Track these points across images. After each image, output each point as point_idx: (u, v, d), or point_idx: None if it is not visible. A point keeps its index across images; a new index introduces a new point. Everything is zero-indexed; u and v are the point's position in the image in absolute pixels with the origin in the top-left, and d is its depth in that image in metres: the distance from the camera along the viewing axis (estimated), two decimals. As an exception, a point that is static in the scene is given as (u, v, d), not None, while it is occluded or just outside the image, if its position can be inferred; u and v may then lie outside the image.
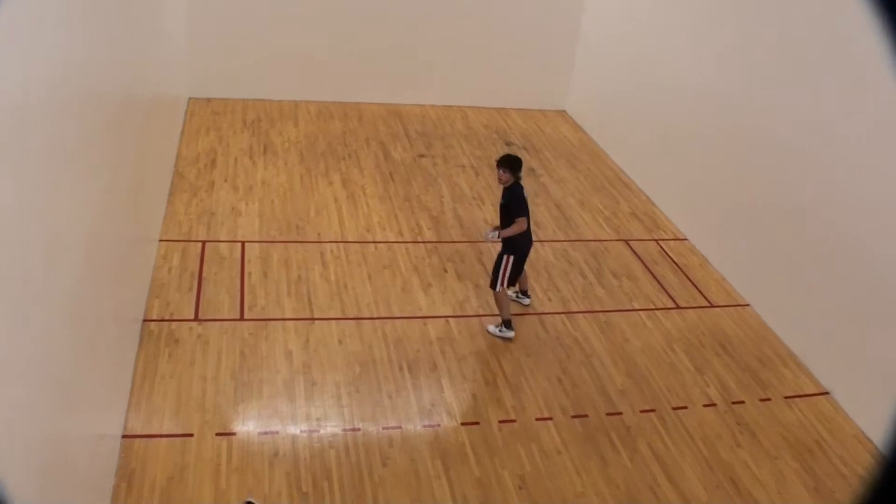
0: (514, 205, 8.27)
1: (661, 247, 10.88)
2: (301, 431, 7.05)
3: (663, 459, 7.25)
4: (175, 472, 6.42)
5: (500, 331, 8.55)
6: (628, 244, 10.84)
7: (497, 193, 8.68)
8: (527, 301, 9.13)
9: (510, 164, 8.28)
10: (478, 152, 13.17)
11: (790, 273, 9.07)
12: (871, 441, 7.76)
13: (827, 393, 8.37)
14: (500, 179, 8.39)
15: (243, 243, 9.67)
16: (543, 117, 15.19)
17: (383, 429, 7.21)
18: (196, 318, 8.23)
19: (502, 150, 13.22)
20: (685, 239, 11.14)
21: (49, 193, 4.60)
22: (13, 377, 3.91)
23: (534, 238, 8.60)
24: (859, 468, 7.43)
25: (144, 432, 6.78)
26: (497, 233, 8.35)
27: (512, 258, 8.35)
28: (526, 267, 8.78)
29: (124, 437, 6.68)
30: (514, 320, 8.66)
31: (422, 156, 12.79)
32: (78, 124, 5.37)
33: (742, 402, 8.09)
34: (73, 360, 5.12)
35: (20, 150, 3.99)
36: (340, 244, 9.93)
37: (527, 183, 12.01)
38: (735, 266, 10.19)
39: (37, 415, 4.32)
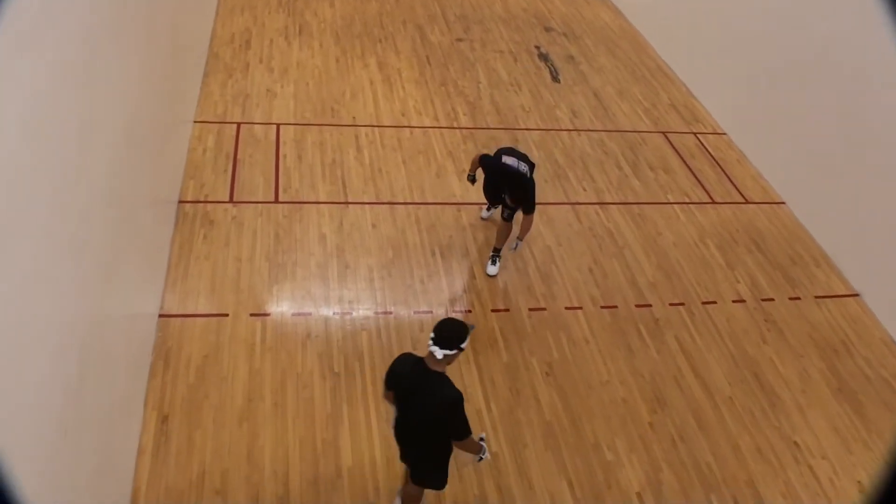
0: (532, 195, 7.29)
1: (700, 140, 10.72)
2: (334, 313, 7.18)
3: (689, 352, 7.33)
4: (210, 350, 6.60)
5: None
6: (666, 136, 10.69)
7: (535, 80, 8.42)
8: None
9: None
10: (516, 37, 12.90)
11: (828, 173, 8.93)
12: (898, 345, 7.81)
13: (857, 295, 8.36)
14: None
15: (278, 125, 9.64)
16: (585, 2, 14.77)
17: (414, 313, 7.33)
18: (231, 200, 8.29)
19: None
20: (724, 133, 10.96)
21: (84, 73, 4.59)
22: (55, 255, 3.99)
23: (571, 127, 8.35)
24: (884, 371, 7.49)
25: (180, 312, 6.94)
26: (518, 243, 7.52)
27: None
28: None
29: (161, 316, 6.85)
30: (548, 209, 8.66)
31: (459, 39, 12.55)
32: (112, 1, 5.31)
33: (771, 299, 8.11)
34: (111, 239, 5.20)
35: (56, 31, 3.96)
36: (375, 128, 9.88)
37: (565, 70, 11.86)
38: (773, 163, 10.05)
39: (78, 292, 4.43)
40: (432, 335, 4.44)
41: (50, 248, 3.89)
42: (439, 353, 4.42)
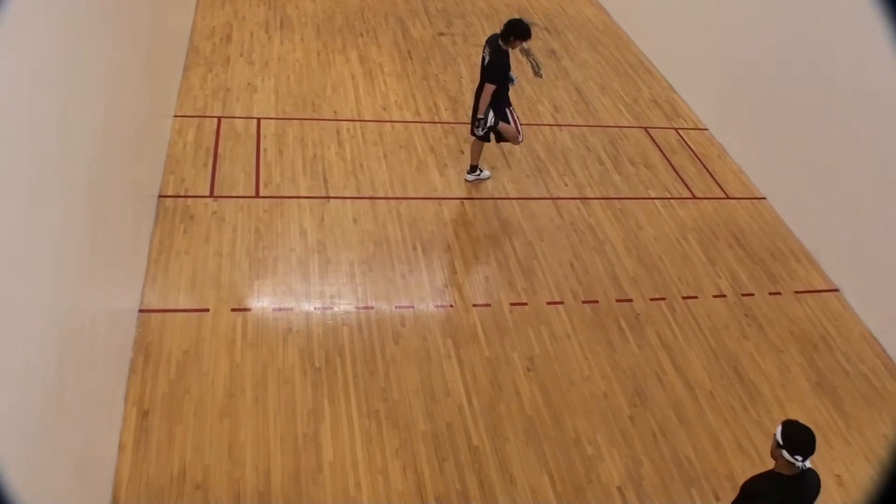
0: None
1: (681, 136, 10.76)
2: (315, 308, 7.17)
3: (670, 347, 7.36)
4: (191, 345, 6.57)
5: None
6: (647, 132, 10.72)
7: (517, 75, 8.61)
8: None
9: None
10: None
11: (808, 168, 8.97)
12: (877, 340, 7.86)
13: (837, 290, 8.42)
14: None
15: (259, 120, 9.60)
16: (567, -3, 14.79)
17: (396, 308, 7.32)
18: (211, 195, 8.25)
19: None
20: (705, 129, 11.00)
21: (64, 66, 4.55)
22: (34, 249, 3.95)
23: (553, 122, 8.50)
24: (863, 366, 7.55)
25: (161, 307, 6.90)
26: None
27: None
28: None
29: (141, 311, 6.81)
30: (529, 204, 8.67)
31: (441, 34, 12.54)
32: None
33: (752, 294, 8.15)
34: (90, 234, 5.16)
35: (35, 24, 3.92)
36: (356, 122, 9.85)
37: (547, 64, 11.86)
38: (754, 158, 10.08)
39: (58, 287, 4.39)
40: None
41: (28, 243, 3.85)
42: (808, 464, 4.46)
